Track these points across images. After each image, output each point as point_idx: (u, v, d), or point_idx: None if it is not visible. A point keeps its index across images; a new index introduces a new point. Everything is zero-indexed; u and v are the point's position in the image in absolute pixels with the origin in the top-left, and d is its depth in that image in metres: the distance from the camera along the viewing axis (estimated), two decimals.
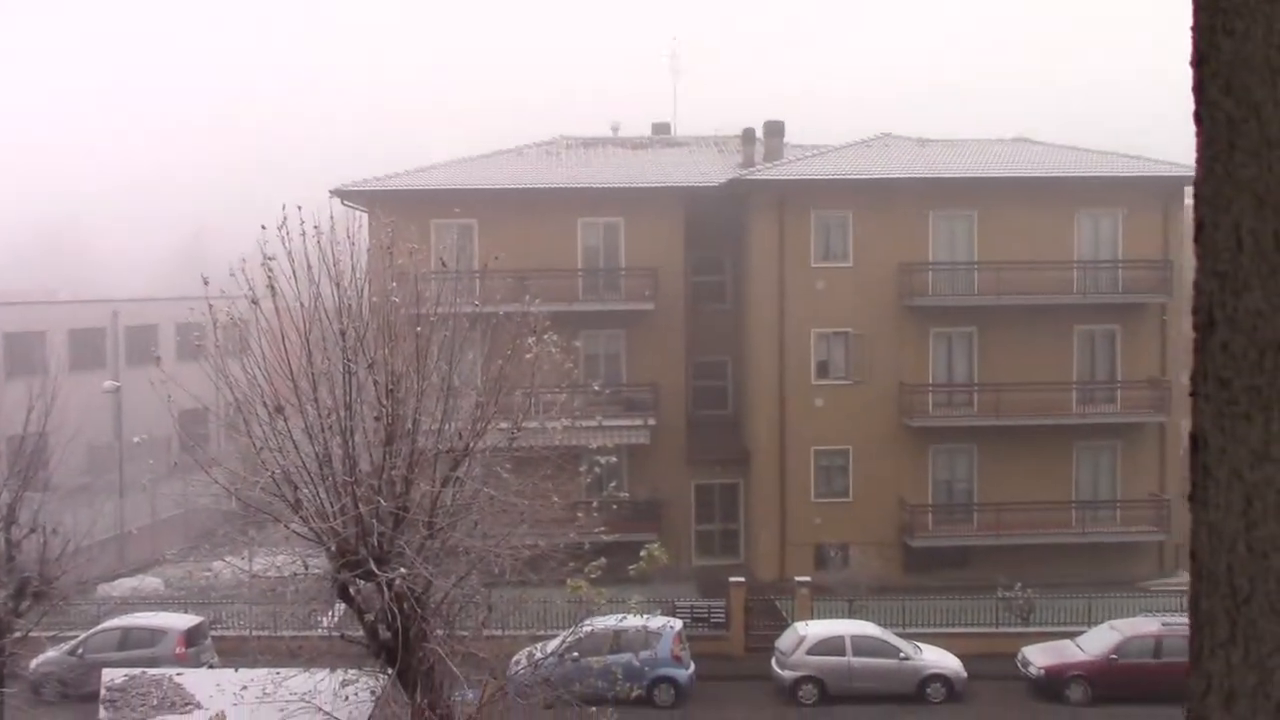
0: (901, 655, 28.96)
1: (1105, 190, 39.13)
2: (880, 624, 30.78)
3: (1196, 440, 2.40)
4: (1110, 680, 28.41)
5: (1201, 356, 2.37)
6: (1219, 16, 2.32)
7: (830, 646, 29.02)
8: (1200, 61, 2.37)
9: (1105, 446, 39.49)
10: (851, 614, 32.36)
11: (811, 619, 31.66)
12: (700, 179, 41.20)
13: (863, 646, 29.09)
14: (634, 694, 19.73)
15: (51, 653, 28.14)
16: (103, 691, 19.12)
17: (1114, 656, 28.61)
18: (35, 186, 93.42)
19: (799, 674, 28.87)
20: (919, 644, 29.90)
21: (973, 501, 39.31)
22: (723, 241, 42.27)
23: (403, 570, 14.71)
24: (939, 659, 29.42)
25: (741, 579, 34.07)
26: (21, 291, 66.53)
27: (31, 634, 20.07)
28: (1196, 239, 2.41)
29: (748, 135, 44.51)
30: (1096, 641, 29.44)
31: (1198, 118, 2.39)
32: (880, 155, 40.63)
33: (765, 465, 39.32)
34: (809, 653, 28.96)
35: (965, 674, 29.07)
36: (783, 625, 31.86)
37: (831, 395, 38.96)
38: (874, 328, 38.73)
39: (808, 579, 34.31)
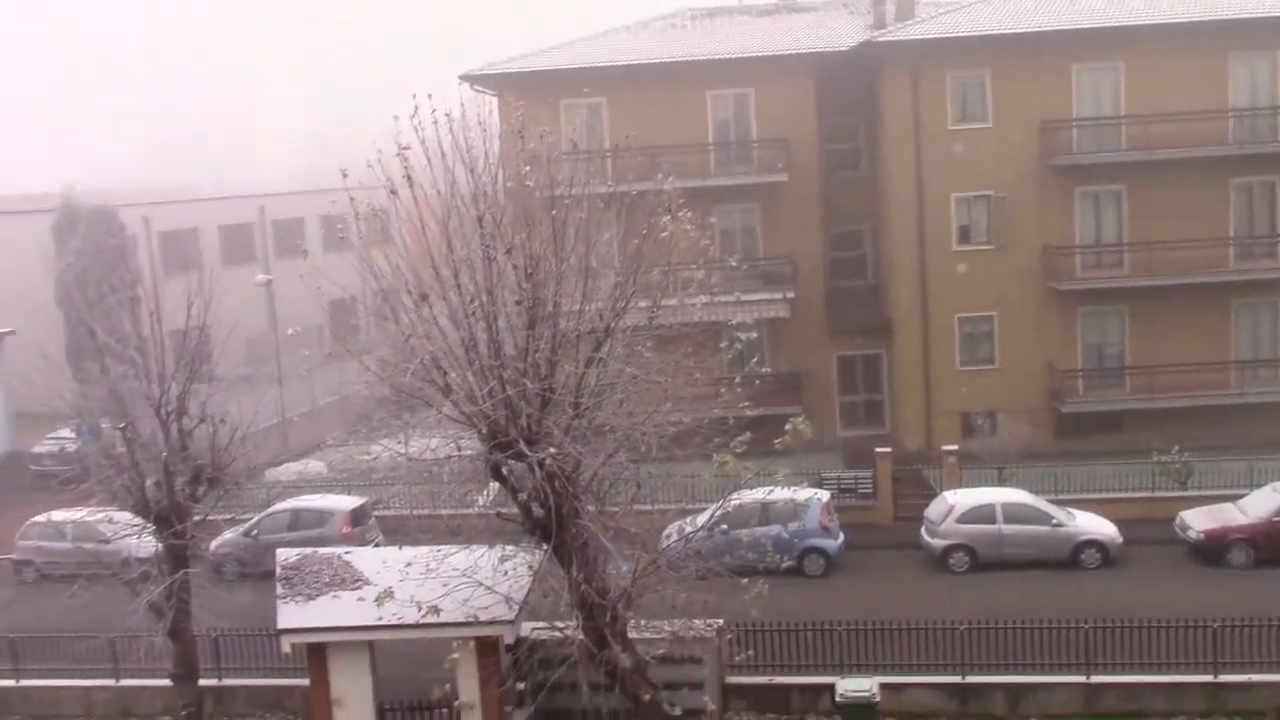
0: (1054, 522, 28.63)
1: (1261, 31, 36.79)
2: (1031, 491, 30.42)
3: None
4: (1274, 543, 27.66)
5: None
6: None
7: (980, 514, 28.84)
8: None
9: (1265, 303, 37.88)
10: (1001, 481, 32.03)
11: (960, 487, 31.46)
12: (830, 43, 40.05)
13: (1014, 514, 28.83)
14: (784, 565, 19.93)
15: (228, 535, 29.79)
16: (278, 570, 20.09)
17: (1278, 519, 27.84)
18: (180, 86, 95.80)
19: (949, 542, 28.82)
20: (1072, 510, 29.49)
21: (1124, 364, 38.28)
22: (856, 107, 41.26)
23: (552, 450, 15.02)
24: (1093, 525, 29.01)
25: (888, 449, 33.95)
26: (171, 190, 68.75)
27: (209, 518, 21.16)
28: None
29: None
30: (1259, 504, 28.63)
31: None
32: (1017, 8, 38.80)
33: (908, 334, 38.82)
34: (959, 521, 28.85)
35: (1121, 539, 28.63)
36: (931, 494, 31.75)
37: (974, 260, 38.09)
38: (1016, 190, 37.58)
39: (955, 447, 34.01)
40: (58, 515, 24.56)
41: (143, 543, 20.51)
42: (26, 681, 24.01)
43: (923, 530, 29.74)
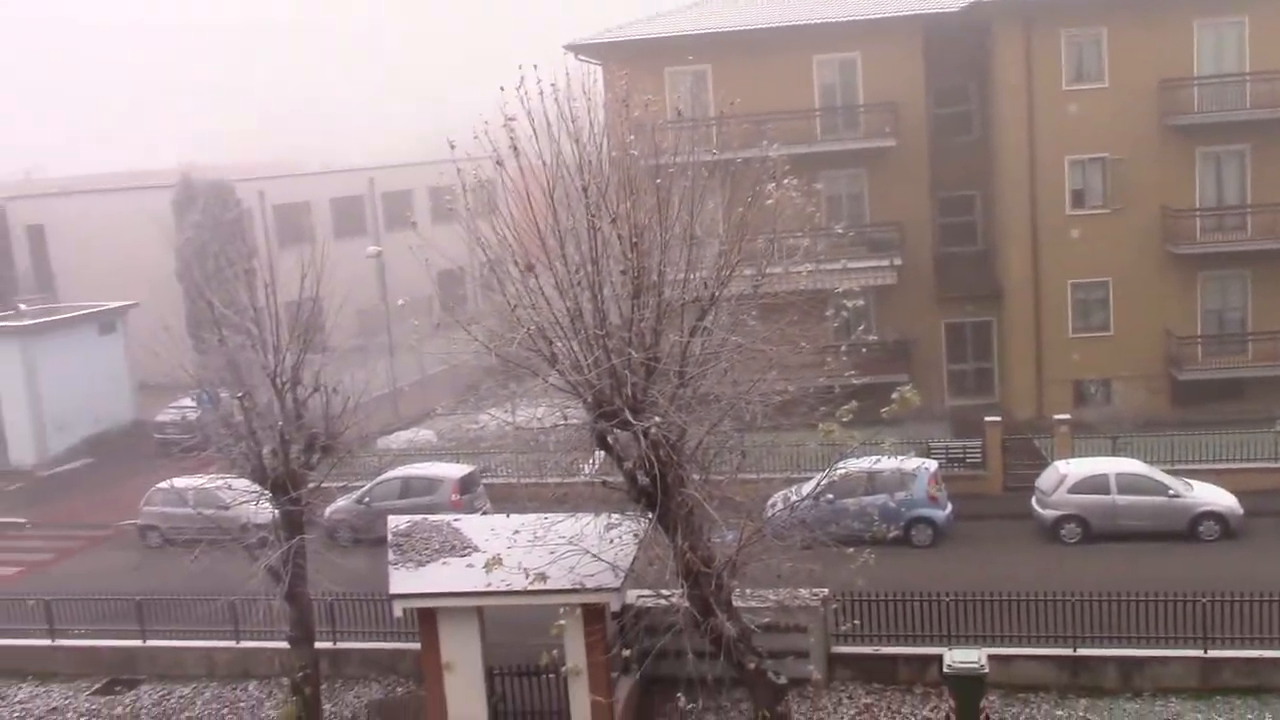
0: (1171, 492, 27.92)
1: None
2: (1146, 461, 29.71)
3: None
4: None
5: None
6: None
7: (1094, 484, 28.25)
8: None
9: None
10: (1115, 451, 31.33)
11: (1072, 457, 30.84)
12: (939, 4, 39.27)
13: (1128, 484, 28.18)
14: (890, 534, 19.75)
15: (341, 502, 30.50)
16: (389, 536, 20.51)
17: None
18: (289, 60, 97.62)
19: (1061, 512, 28.30)
20: (1189, 481, 28.73)
21: (1246, 330, 37.10)
22: (966, 70, 40.45)
23: (657, 419, 15.05)
24: (1212, 495, 28.22)
25: (997, 418, 33.41)
26: (284, 164, 70.20)
27: (323, 485, 21.65)
28: None
29: None
30: None
31: None
32: None
33: (1019, 301, 38.09)
34: (1071, 491, 28.30)
35: (1241, 511, 27.81)
36: (1042, 464, 31.19)
37: (1088, 225, 37.18)
38: (1133, 151, 36.55)
39: (1067, 416, 33.34)
40: (180, 482, 25.38)
41: (260, 509, 21.04)
42: (152, 642, 24.93)
43: (1033, 501, 29.24)
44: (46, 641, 25.45)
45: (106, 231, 51.94)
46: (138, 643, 24.96)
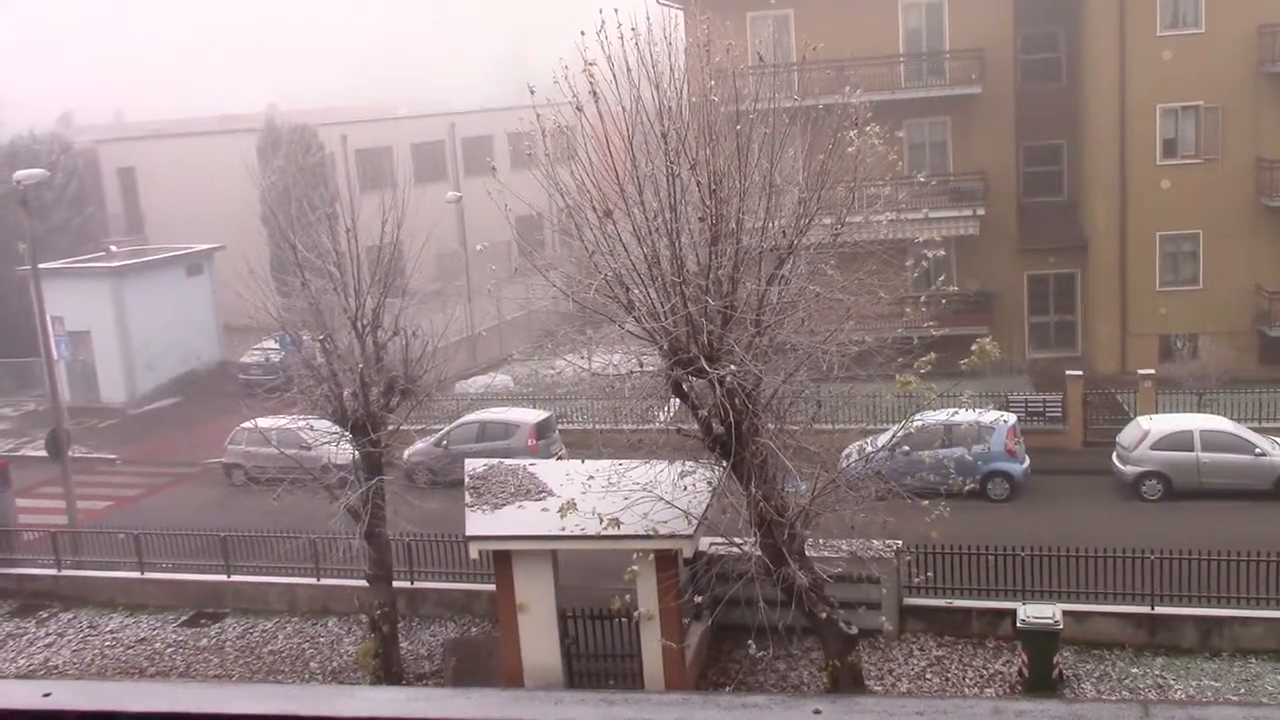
0: (1257, 450, 27.33)
1: None
2: (1232, 418, 29.08)
3: None
4: None
5: None
6: None
7: (1177, 441, 27.75)
8: None
9: None
10: (1200, 407, 30.73)
11: (1155, 413, 30.30)
12: None
13: (1213, 441, 27.63)
14: (966, 487, 19.60)
15: (419, 444, 30.93)
16: (466, 479, 20.75)
17: None
18: (373, 6, 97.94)
19: (1142, 469, 27.86)
20: (1277, 439, 28.09)
21: None
22: (1056, 15, 39.47)
23: (733, 367, 15.03)
24: None
25: (1079, 372, 32.89)
26: (365, 108, 70.63)
27: (401, 427, 21.96)
28: None
29: None
30: None
31: None
32: None
33: (1105, 253, 37.32)
34: (1153, 447, 27.83)
35: None
36: (1124, 419, 30.69)
37: (1179, 175, 36.24)
38: (1228, 99, 35.46)
39: (1151, 371, 32.72)
40: (263, 422, 25.86)
41: (341, 450, 21.39)
42: (237, 577, 25.59)
43: (1114, 456, 28.80)
44: (136, 574, 26.24)
45: (194, 174, 52.74)
46: (223, 577, 25.64)
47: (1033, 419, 31.48)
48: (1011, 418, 29.20)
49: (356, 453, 20.53)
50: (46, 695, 1.95)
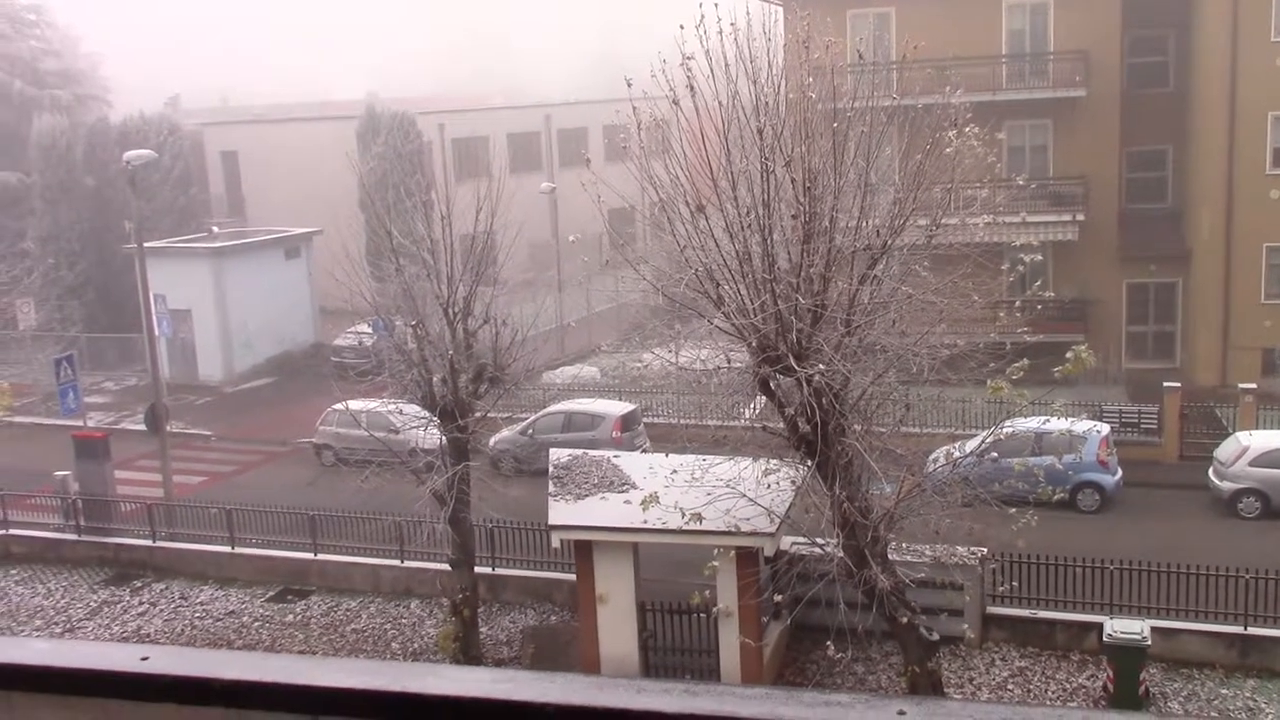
0: None
1: None
2: None
3: None
4: None
5: None
6: None
7: (1277, 458, 26.97)
8: None
9: None
10: None
11: (1255, 428, 29.48)
12: None
13: None
14: (1055, 497, 19.26)
15: (506, 432, 31.21)
16: (550, 468, 20.90)
17: None
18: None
19: (1240, 486, 27.14)
20: None
21: None
22: (1165, 18, 38.53)
23: (821, 366, 14.93)
24: None
25: (1177, 384, 32.12)
26: (462, 98, 71.32)
27: (489, 415, 22.16)
28: None
29: None
30: None
31: None
32: None
33: (1208, 263, 36.39)
34: (1252, 464, 27.08)
35: None
36: (1222, 434, 29.90)
37: None
38: None
39: (1253, 385, 31.84)
40: (354, 404, 26.28)
41: (428, 435, 21.63)
42: (323, 555, 26.06)
43: (1210, 472, 28.09)
44: (227, 549, 26.86)
45: (294, 159, 53.74)
46: (310, 555, 26.11)
47: (1127, 430, 30.83)
48: (1105, 428, 28.61)
49: (444, 438, 20.76)
50: (144, 659, 2.01)
